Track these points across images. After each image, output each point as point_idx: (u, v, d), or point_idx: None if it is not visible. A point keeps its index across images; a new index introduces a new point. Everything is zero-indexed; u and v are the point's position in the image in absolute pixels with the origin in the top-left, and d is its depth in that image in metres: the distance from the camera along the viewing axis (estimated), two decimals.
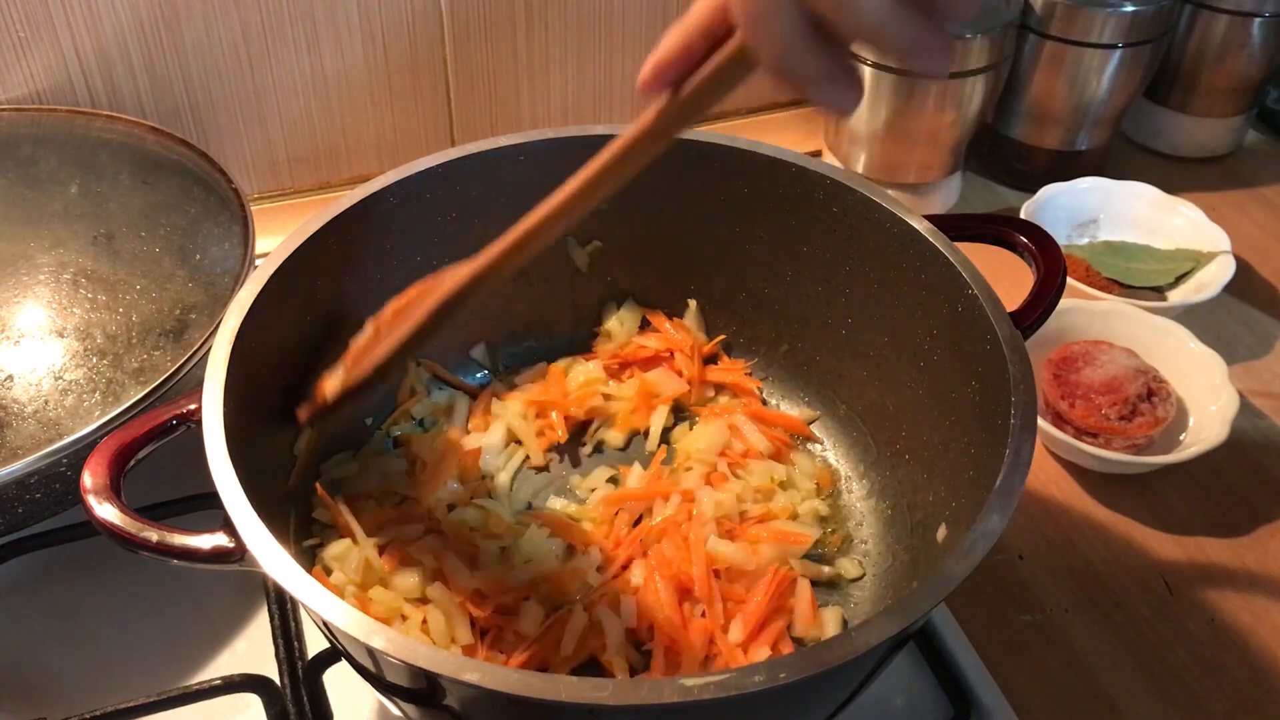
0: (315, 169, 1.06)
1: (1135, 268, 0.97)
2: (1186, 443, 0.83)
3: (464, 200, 0.75)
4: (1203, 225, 0.99)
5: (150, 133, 0.89)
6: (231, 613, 0.72)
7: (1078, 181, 1.03)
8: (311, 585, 0.49)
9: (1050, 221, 0.99)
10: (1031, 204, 0.99)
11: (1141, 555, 0.78)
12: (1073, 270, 0.96)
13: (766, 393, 0.83)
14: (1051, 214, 1.00)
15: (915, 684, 0.69)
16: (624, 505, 0.74)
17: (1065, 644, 0.73)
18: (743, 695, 0.45)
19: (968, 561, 0.51)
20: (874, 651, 0.48)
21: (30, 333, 0.76)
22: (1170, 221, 1.01)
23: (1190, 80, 1.13)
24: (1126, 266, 0.97)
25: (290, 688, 0.65)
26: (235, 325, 0.61)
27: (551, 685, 0.46)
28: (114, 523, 0.53)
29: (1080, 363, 0.84)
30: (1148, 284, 0.96)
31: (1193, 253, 0.97)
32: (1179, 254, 0.98)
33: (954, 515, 0.63)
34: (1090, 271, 0.97)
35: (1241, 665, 0.72)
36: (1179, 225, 1.01)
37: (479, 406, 0.80)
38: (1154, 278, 0.97)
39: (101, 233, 0.83)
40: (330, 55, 0.99)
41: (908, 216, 0.69)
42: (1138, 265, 0.98)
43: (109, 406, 0.69)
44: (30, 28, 0.89)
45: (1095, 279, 0.96)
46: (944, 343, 0.68)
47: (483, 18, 1.01)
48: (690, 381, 0.81)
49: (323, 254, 0.69)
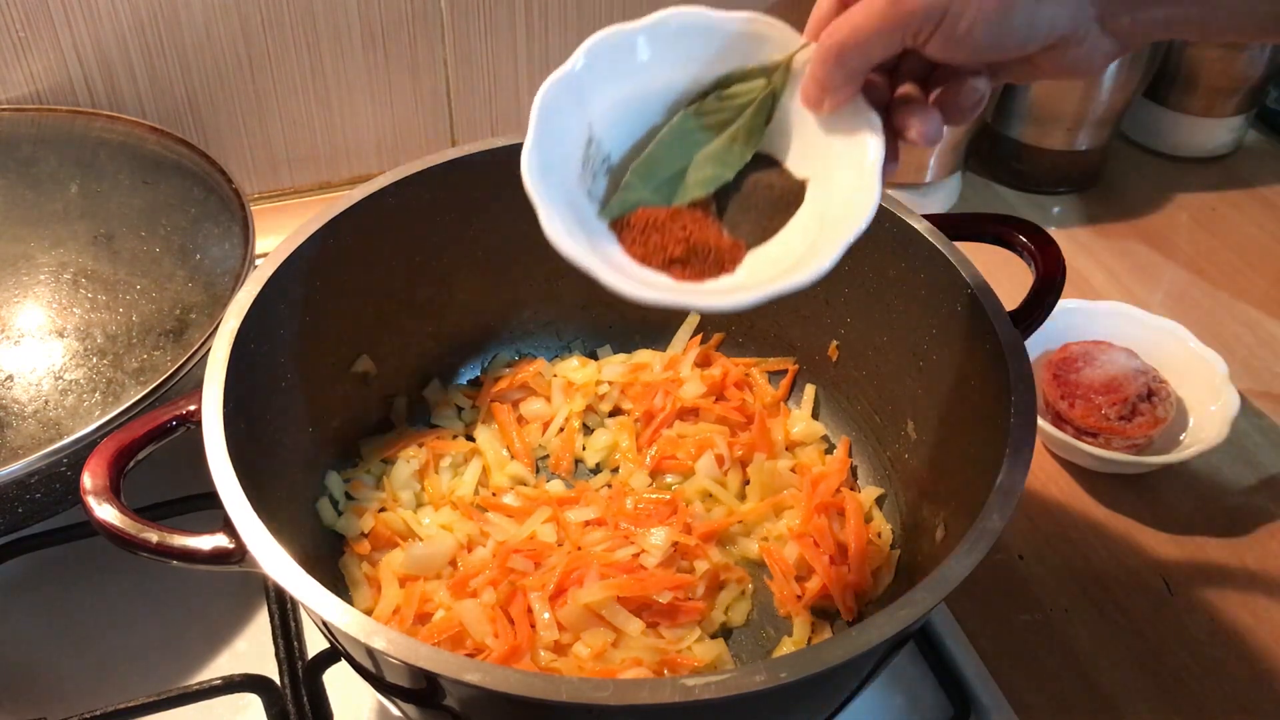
0: (315, 169, 1.06)
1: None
2: (1186, 443, 0.83)
3: (464, 200, 0.75)
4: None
5: (150, 133, 0.89)
6: (231, 613, 0.72)
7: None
8: (311, 585, 0.49)
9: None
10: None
11: (1141, 555, 0.78)
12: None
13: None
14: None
15: (915, 684, 0.69)
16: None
17: (1065, 644, 0.73)
18: (743, 695, 0.45)
19: (968, 561, 0.51)
20: (874, 651, 0.48)
21: (30, 333, 0.76)
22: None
23: (1190, 80, 1.13)
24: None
25: (290, 688, 0.65)
26: (235, 325, 0.61)
27: (552, 685, 0.46)
28: (114, 524, 0.53)
29: (1080, 363, 0.84)
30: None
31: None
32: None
33: (954, 515, 0.63)
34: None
35: (1241, 665, 0.72)
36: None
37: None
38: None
39: (101, 233, 0.83)
40: (330, 55, 0.99)
41: (907, 216, 0.69)
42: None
43: (109, 407, 0.69)
44: (30, 28, 0.89)
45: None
46: (944, 343, 0.68)
47: (483, 18, 1.01)
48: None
49: (323, 254, 0.69)
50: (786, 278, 0.51)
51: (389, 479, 0.75)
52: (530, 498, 0.75)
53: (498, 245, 0.78)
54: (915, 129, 0.52)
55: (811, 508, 0.73)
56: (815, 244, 0.53)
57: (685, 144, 0.57)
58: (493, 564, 0.69)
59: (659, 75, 0.57)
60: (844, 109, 0.54)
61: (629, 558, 0.69)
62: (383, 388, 0.79)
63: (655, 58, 0.56)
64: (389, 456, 0.77)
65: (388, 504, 0.74)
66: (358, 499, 0.75)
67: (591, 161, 0.57)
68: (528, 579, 0.68)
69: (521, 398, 0.82)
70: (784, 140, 0.57)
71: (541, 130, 0.54)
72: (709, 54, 0.57)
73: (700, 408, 0.80)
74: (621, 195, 0.57)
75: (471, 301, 0.81)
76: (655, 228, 0.56)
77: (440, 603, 0.68)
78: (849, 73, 0.52)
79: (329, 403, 0.74)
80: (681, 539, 0.70)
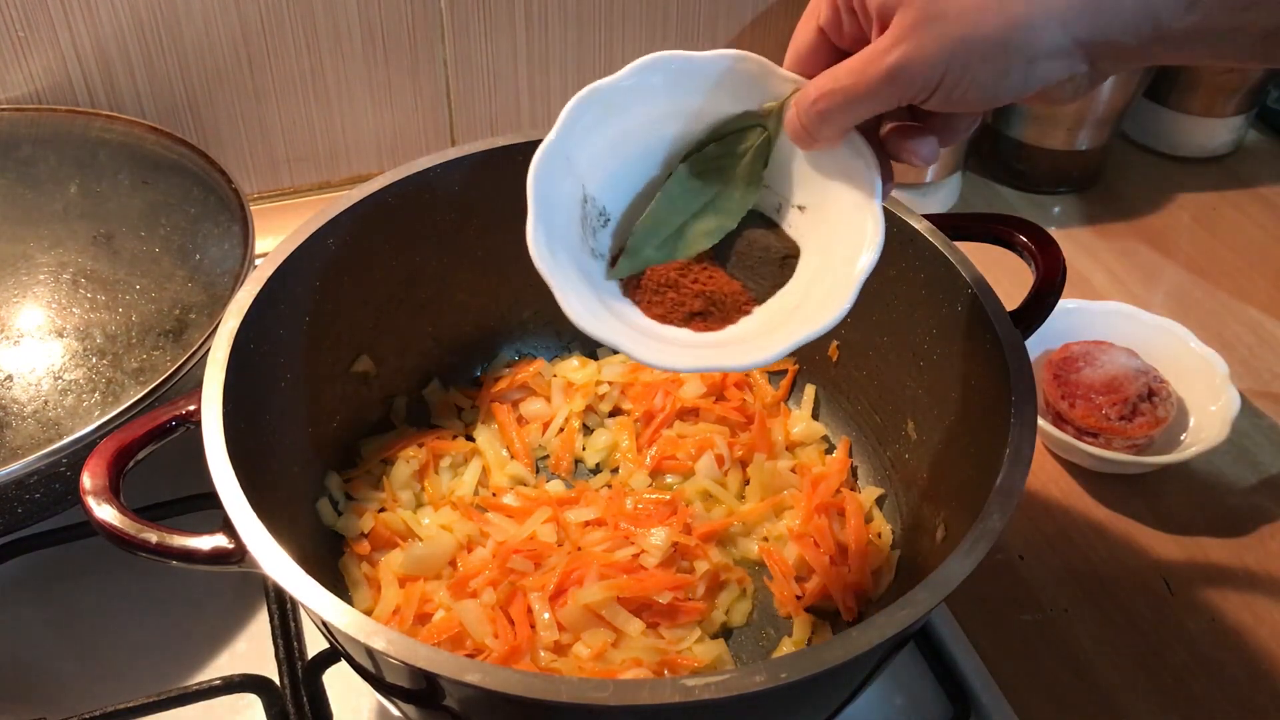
0: (315, 169, 1.06)
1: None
2: (1186, 443, 0.83)
3: (464, 200, 0.75)
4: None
5: (150, 132, 0.89)
6: (231, 613, 0.72)
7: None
8: (311, 585, 0.49)
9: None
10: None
11: (1141, 555, 0.78)
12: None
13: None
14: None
15: (915, 684, 0.69)
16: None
17: (1065, 644, 0.73)
18: (743, 695, 0.45)
19: (968, 561, 0.51)
20: (874, 651, 0.48)
21: (30, 333, 0.76)
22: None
23: (1190, 80, 1.13)
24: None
25: (290, 688, 0.65)
26: (235, 325, 0.61)
27: (552, 686, 0.46)
28: (113, 524, 0.53)
29: (1080, 363, 0.84)
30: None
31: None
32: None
33: (954, 515, 0.63)
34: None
35: (1241, 665, 0.72)
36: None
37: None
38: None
39: (101, 233, 0.83)
40: (330, 55, 0.99)
41: (907, 216, 0.69)
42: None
43: (108, 407, 0.69)
44: (30, 28, 0.89)
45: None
46: (944, 342, 0.68)
47: (483, 17, 1.01)
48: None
49: (323, 254, 0.69)
50: (810, 321, 0.52)
51: (389, 479, 0.75)
52: (530, 498, 0.75)
53: (498, 245, 0.78)
54: (910, 153, 0.53)
55: (811, 508, 0.73)
56: (828, 280, 0.54)
57: (686, 197, 0.58)
58: (493, 564, 0.69)
59: (648, 124, 0.57)
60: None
61: (629, 558, 0.69)
62: (382, 388, 0.79)
63: (640, 106, 0.56)
64: (389, 456, 0.77)
65: (387, 504, 0.74)
66: (358, 499, 0.75)
67: (589, 219, 0.57)
68: (528, 579, 0.68)
69: (521, 398, 0.82)
70: (780, 176, 0.58)
71: (539, 204, 0.53)
72: (697, 97, 0.57)
73: (700, 408, 0.80)
74: (629, 258, 0.57)
75: (471, 301, 0.81)
76: (670, 285, 0.56)
77: (440, 603, 0.68)
78: (837, 129, 0.52)
79: (329, 403, 0.74)
80: (681, 539, 0.70)
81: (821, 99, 0.51)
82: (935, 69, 0.46)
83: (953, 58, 0.46)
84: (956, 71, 0.46)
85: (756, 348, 0.54)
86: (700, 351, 0.55)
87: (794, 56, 0.54)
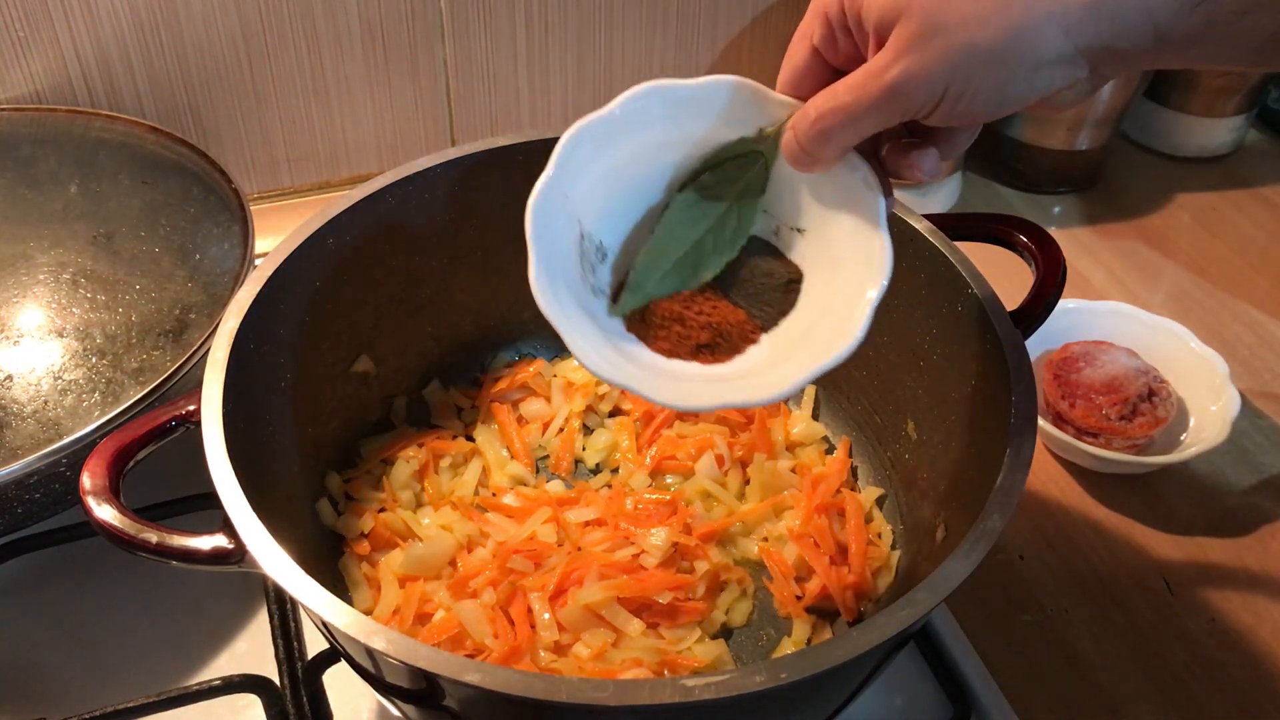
0: (315, 169, 1.06)
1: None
2: (1186, 443, 0.83)
3: (464, 200, 0.75)
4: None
5: (150, 132, 0.89)
6: (231, 613, 0.72)
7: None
8: (311, 586, 0.49)
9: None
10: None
11: (1141, 555, 0.78)
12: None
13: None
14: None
15: (915, 684, 0.69)
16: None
17: (1065, 644, 0.73)
18: (743, 695, 0.45)
19: (968, 561, 0.51)
20: (874, 651, 0.48)
21: (30, 333, 0.76)
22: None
23: (1190, 80, 1.13)
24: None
25: (290, 688, 0.65)
26: (234, 325, 0.61)
27: (552, 686, 0.46)
28: (113, 524, 0.53)
29: (1081, 363, 0.84)
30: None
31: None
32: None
33: (954, 515, 0.63)
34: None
35: (1241, 665, 0.72)
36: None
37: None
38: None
39: (101, 233, 0.83)
40: (330, 55, 0.99)
41: (907, 216, 0.69)
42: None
43: (108, 407, 0.69)
44: (30, 28, 0.89)
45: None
46: (944, 342, 0.68)
47: (483, 17, 1.01)
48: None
49: (323, 254, 0.69)
50: (823, 354, 0.52)
51: (389, 479, 0.75)
52: (530, 498, 0.75)
53: (498, 245, 0.78)
54: (912, 169, 0.52)
55: (811, 508, 0.73)
56: (838, 308, 0.53)
57: (685, 228, 0.57)
58: (493, 564, 0.69)
59: (641, 155, 0.56)
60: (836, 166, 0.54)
61: (629, 558, 0.69)
62: (382, 388, 0.79)
63: (632, 137, 0.56)
64: (389, 456, 0.77)
65: (387, 504, 0.74)
66: (358, 499, 0.75)
67: (588, 255, 0.57)
68: (528, 579, 0.68)
69: (521, 398, 0.82)
70: (779, 201, 0.57)
71: (539, 245, 0.53)
72: (690, 125, 0.56)
73: None
74: (632, 293, 0.57)
75: (471, 301, 0.81)
76: (675, 319, 0.56)
77: (440, 603, 0.68)
78: (838, 149, 0.52)
79: (329, 403, 0.74)
80: (681, 539, 0.70)
81: (822, 118, 0.50)
82: (938, 82, 0.46)
83: (955, 69, 0.46)
84: (960, 83, 0.46)
85: (773, 381, 0.53)
86: (716, 387, 0.54)
87: (788, 77, 0.54)
